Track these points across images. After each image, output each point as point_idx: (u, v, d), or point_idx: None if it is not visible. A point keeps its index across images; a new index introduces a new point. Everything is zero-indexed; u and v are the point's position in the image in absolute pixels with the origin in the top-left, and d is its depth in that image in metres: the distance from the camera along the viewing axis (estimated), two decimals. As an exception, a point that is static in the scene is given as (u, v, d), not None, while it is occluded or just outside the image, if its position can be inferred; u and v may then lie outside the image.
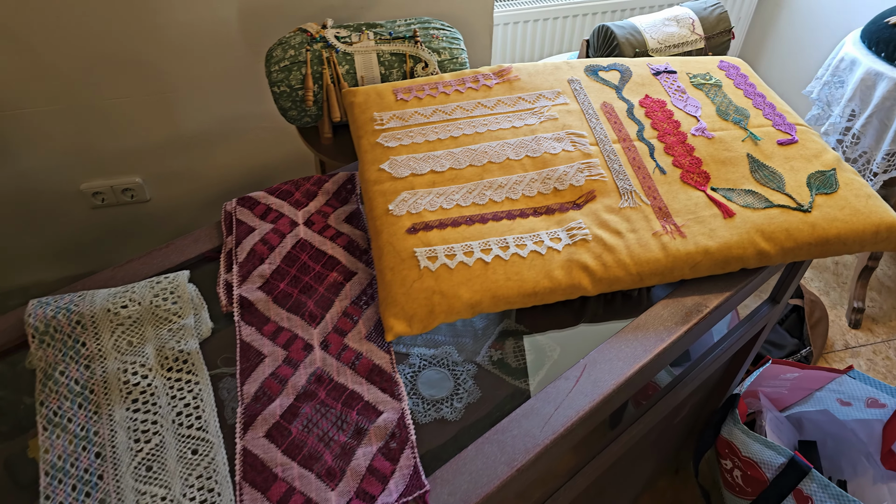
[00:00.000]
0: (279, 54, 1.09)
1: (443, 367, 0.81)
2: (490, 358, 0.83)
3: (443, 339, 0.85)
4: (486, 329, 0.87)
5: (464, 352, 0.83)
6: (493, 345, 0.85)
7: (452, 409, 0.76)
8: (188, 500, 0.60)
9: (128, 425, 0.66)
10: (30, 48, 1.28)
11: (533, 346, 0.85)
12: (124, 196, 1.57)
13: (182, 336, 0.73)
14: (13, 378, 1.08)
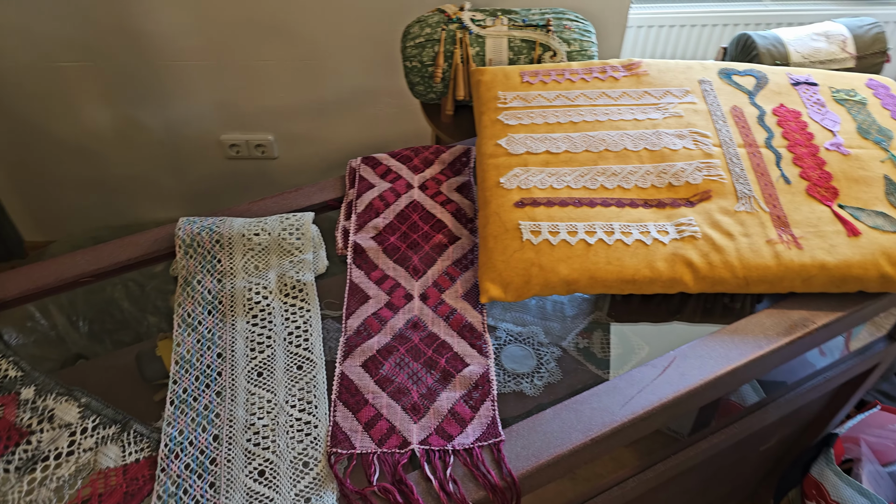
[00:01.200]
0: (416, 31, 1.16)
1: (528, 345, 0.84)
2: (576, 345, 0.85)
3: (531, 319, 0.88)
4: (577, 317, 0.88)
5: (550, 335, 0.85)
6: (582, 333, 0.87)
7: (532, 386, 0.79)
8: (289, 406, 0.67)
9: (246, 335, 0.74)
10: (195, 5, 1.43)
11: (621, 341, 0.86)
12: (256, 151, 1.72)
13: (301, 268, 0.81)
14: (141, 296, 1.22)
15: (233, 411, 0.67)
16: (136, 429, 0.66)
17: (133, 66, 1.55)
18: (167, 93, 1.61)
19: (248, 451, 0.64)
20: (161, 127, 1.68)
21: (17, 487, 0.61)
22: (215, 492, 0.60)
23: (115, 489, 0.61)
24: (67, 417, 0.67)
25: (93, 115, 1.64)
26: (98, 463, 0.63)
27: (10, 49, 1.49)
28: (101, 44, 1.50)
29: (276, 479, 0.61)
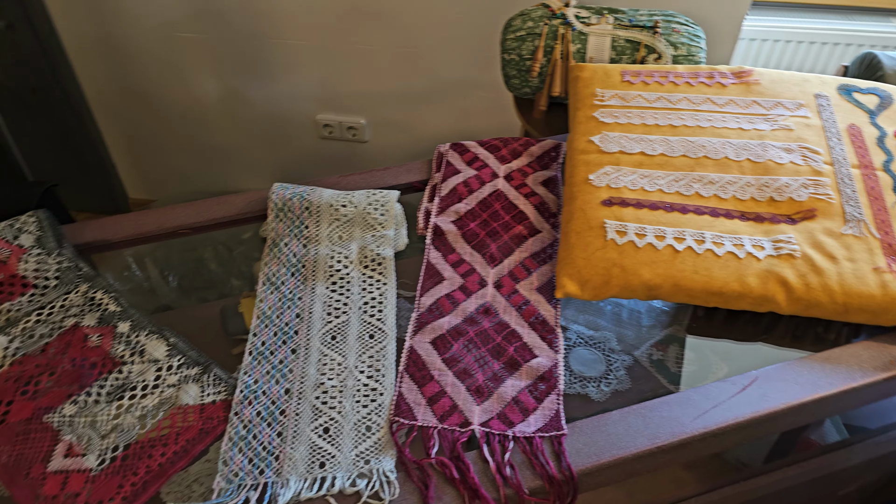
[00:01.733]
0: (518, 24, 1.16)
1: (598, 349, 0.82)
2: (650, 356, 0.82)
3: (605, 324, 0.85)
4: (653, 328, 0.86)
5: (623, 342, 0.83)
6: (657, 345, 0.84)
7: (599, 391, 0.77)
8: (358, 371, 0.69)
9: (325, 300, 0.77)
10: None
11: (698, 357, 0.82)
12: (347, 133, 1.78)
13: (382, 243, 0.83)
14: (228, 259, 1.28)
15: (305, 369, 0.70)
16: (216, 373, 0.70)
17: (244, 42, 1.63)
18: (272, 70, 1.68)
19: (315, 407, 0.66)
20: (262, 102, 1.76)
21: (106, 410, 0.67)
22: (282, 441, 0.63)
23: (192, 425, 0.65)
24: (156, 354, 0.72)
25: (202, 85, 1.75)
26: (179, 399, 0.67)
27: (139, 16, 1.61)
28: (218, 18, 1.59)
29: (339, 438, 0.63)
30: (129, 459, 0.62)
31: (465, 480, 0.58)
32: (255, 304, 0.77)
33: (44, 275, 0.79)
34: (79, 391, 0.68)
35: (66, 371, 0.70)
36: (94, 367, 0.70)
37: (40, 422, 0.65)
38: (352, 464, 0.61)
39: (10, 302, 0.77)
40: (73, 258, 0.82)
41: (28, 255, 0.80)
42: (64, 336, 0.74)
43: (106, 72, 1.77)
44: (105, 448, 0.63)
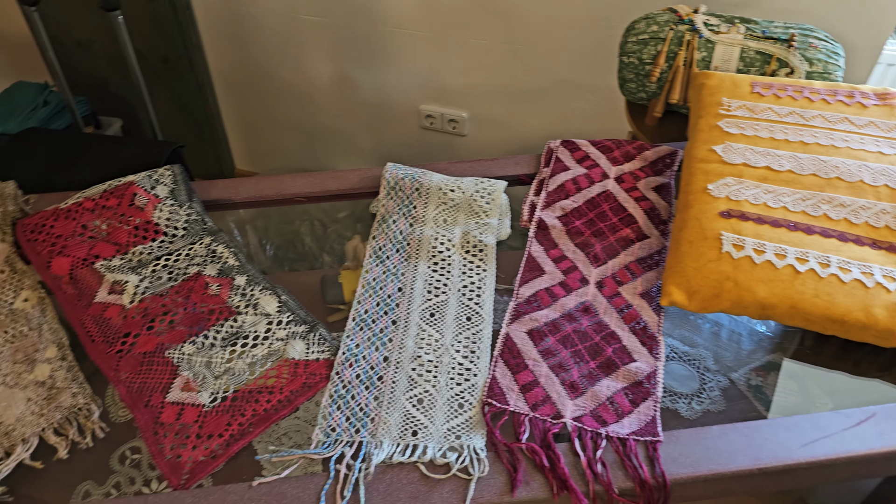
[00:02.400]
0: (641, 27, 1.14)
1: (692, 366, 0.80)
2: (748, 380, 0.79)
3: (701, 342, 0.83)
4: (754, 352, 0.82)
5: (720, 363, 0.80)
6: (757, 370, 0.80)
7: (689, 408, 0.74)
8: (454, 350, 0.71)
9: (426, 278, 0.79)
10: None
11: (800, 388, 0.78)
12: (448, 126, 1.80)
13: (485, 230, 0.84)
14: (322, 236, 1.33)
15: (404, 340, 0.72)
16: (321, 333, 0.73)
17: (361, 28, 1.69)
18: (383, 57, 1.74)
19: (411, 378, 0.68)
20: (370, 87, 1.82)
21: (221, 354, 0.72)
22: (378, 405, 0.65)
23: (297, 378, 0.69)
24: (268, 308, 0.76)
25: (317, 67, 1.83)
26: (286, 352, 0.71)
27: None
28: (340, 3, 1.66)
29: (432, 410, 0.65)
30: (237, 401, 0.67)
31: (555, 470, 0.58)
32: (361, 274, 0.80)
33: (174, 224, 0.86)
34: (197, 333, 0.73)
35: (187, 314, 0.76)
36: (212, 314, 0.76)
37: (162, 356, 0.71)
38: (443, 436, 0.62)
39: (142, 245, 0.84)
40: (200, 212, 0.88)
41: (162, 204, 0.87)
42: (187, 282, 0.80)
43: (230, 47, 1.88)
44: (217, 388, 0.68)
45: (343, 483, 0.58)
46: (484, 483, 0.58)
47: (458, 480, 0.58)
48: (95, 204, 0.85)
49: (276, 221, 1.31)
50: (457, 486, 0.58)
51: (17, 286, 0.79)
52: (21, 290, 0.79)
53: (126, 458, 0.64)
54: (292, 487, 0.58)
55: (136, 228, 0.84)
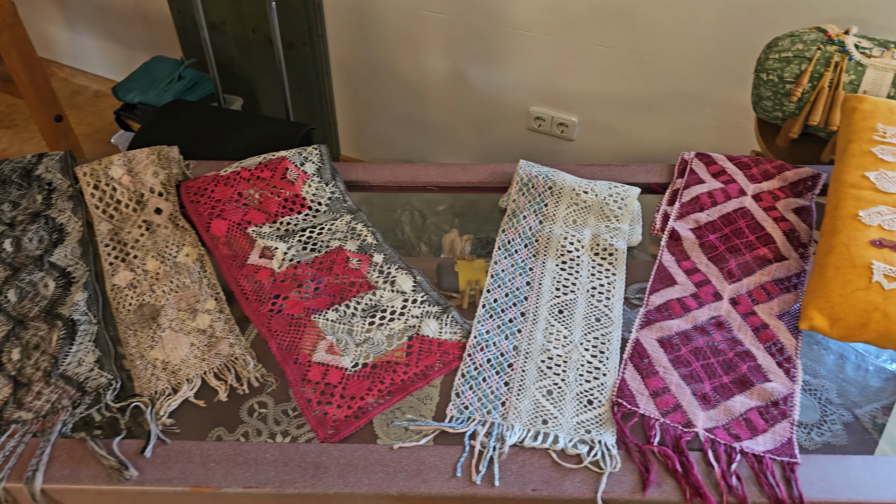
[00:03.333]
0: (785, 44, 1.10)
1: (813, 397, 0.77)
2: (873, 418, 0.76)
3: (825, 373, 0.80)
4: (881, 391, 0.79)
5: (843, 397, 0.77)
6: (885, 408, 0.77)
7: (809, 439, 0.72)
8: (583, 348, 0.72)
9: (554, 275, 0.81)
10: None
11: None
12: (557, 129, 1.81)
13: (616, 235, 0.85)
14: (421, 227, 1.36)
15: (533, 332, 0.74)
16: (454, 315, 0.77)
17: (482, 26, 1.73)
18: (499, 56, 1.77)
19: (540, 370, 0.70)
20: (482, 85, 1.85)
21: (361, 323, 0.76)
22: (508, 390, 0.68)
23: (431, 353, 0.73)
24: (404, 287, 0.80)
25: (433, 62, 1.88)
26: (421, 329, 0.75)
27: (393, -9, 1.77)
28: (466, 2, 1.70)
29: (561, 403, 0.67)
30: (377, 369, 0.71)
31: (688, 476, 0.58)
32: (490, 265, 0.83)
33: (318, 200, 0.92)
34: (339, 302, 0.79)
35: (330, 283, 0.81)
36: (353, 286, 0.81)
37: (308, 319, 0.77)
38: (572, 428, 0.64)
39: (289, 216, 0.90)
40: (342, 191, 0.94)
41: (311, 181, 0.93)
42: (329, 254, 0.85)
43: (351, 37, 1.96)
44: (358, 354, 0.73)
45: (478, 458, 0.61)
46: (614, 479, 0.59)
47: (589, 472, 0.60)
48: (251, 174, 0.92)
49: (380, 209, 1.36)
50: (587, 477, 0.60)
51: (179, 242, 0.87)
52: (183, 246, 0.87)
53: (254, 412, 0.69)
54: (430, 455, 0.62)
55: (286, 200, 0.91)
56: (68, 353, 0.72)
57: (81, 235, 0.88)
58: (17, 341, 0.74)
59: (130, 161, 0.94)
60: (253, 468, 0.61)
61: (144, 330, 0.76)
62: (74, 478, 0.60)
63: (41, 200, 0.92)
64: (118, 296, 0.81)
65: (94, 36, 2.71)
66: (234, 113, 1.57)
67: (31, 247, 0.86)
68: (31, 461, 0.61)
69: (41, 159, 0.98)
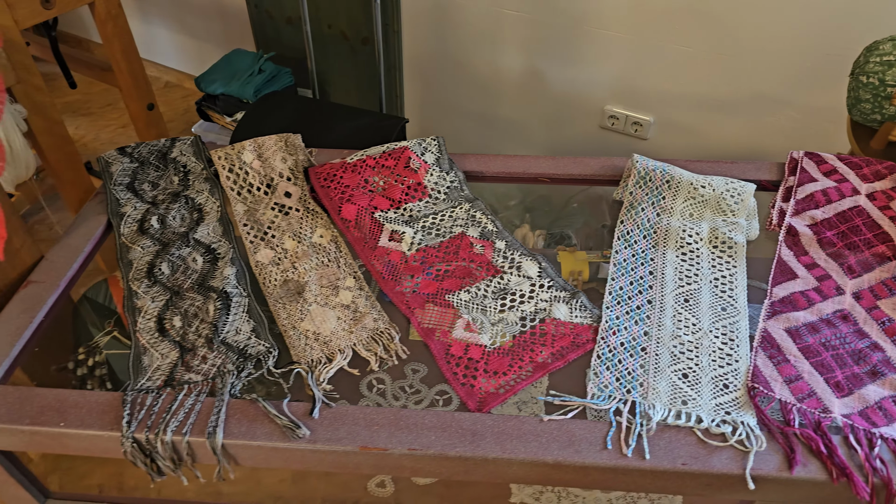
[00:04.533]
0: (887, 48, 1.11)
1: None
2: None
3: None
4: None
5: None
6: None
7: None
8: (713, 336, 0.75)
9: (675, 266, 0.84)
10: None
11: None
12: (630, 128, 1.83)
13: (733, 228, 0.87)
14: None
15: (661, 319, 0.77)
16: (583, 300, 0.80)
17: (561, 25, 1.76)
18: (577, 54, 1.79)
19: (673, 354, 0.73)
20: (557, 82, 1.88)
21: (493, 305, 0.81)
22: (644, 372, 0.71)
23: (565, 335, 0.77)
24: (530, 272, 0.84)
25: (508, 59, 1.92)
26: (552, 312, 0.79)
27: (476, -9, 1.81)
28: (546, 1, 1.73)
29: (698, 385, 0.70)
30: (515, 348, 0.75)
31: (833, 457, 0.61)
32: (612, 254, 0.86)
33: (438, 188, 0.97)
34: (470, 284, 0.83)
35: (458, 266, 0.86)
36: (480, 269, 0.85)
37: (443, 299, 0.81)
38: (712, 410, 0.67)
39: (412, 203, 0.95)
40: (461, 181, 0.98)
41: (432, 170, 0.98)
42: (454, 240, 0.90)
43: (427, 33, 2.01)
44: (495, 333, 0.77)
45: (626, 433, 0.65)
46: (760, 457, 0.62)
47: (735, 450, 0.63)
48: (376, 162, 0.97)
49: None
50: (734, 455, 0.63)
51: (312, 224, 0.93)
52: (316, 228, 0.92)
53: (373, 387, 0.74)
54: (579, 429, 0.65)
55: (409, 188, 0.96)
56: (226, 323, 0.78)
57: (220, 215, 0.94)
58: (177, 310, 0.80)
59: (260, 147, 1.00)
60: (414, 433, 0.65)
61: (292, 304, 0.81)
62: (251, 434, 0.66)
63: (178, 182, 0.99)
64: (263, 271, 0.86)
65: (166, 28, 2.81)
66: (330, 104, 1.63)
67: (174, 224, 0.92)
68: (210, 418, 0.67)
69: (174, 143, 1.04)
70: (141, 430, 0.66)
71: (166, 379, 0.71)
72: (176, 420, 0.66)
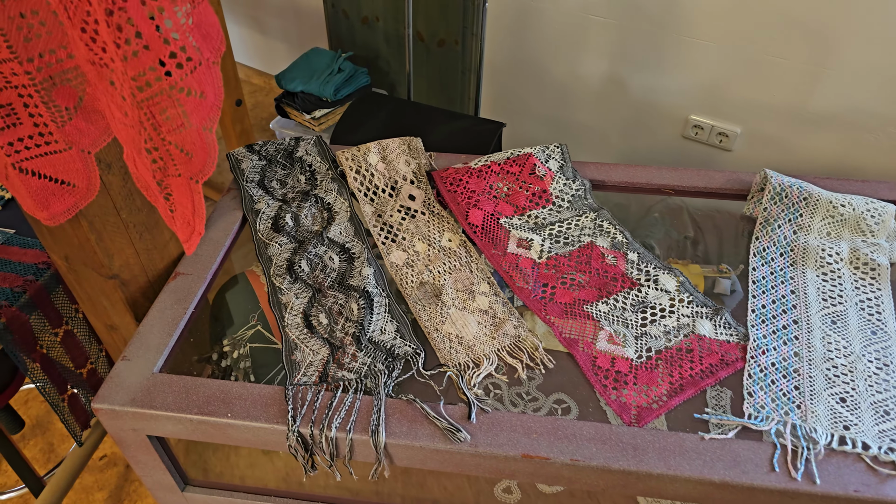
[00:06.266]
0: None
1: None
2: None
3: None
4: None
5: None
6: None
7: None
8: (867, 360, 0.74)
9: (817, 286, 0.82)
10: None
11: None
12: (715, 139, 1.80)
13: (876, 250, 0.86)
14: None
15: (810, 340, 0.76)
16: (727, 318, 0.80)
17: (648, 31, 1.74)
18: (663, 61, 1.77)
19: (827, 377, 0.72)
20: (639, 89, 1.86)
21: (634, 316, 0.80)
22: (800, 394, 0.71)
23: (713, 352, 0.76)
24: (668, 286, 0.84)
25: (590, 64, 1.91)
26: (696, 328, 0.79)
27: (563, -5, 1.81)
28: (634, 6, 1.72)
29: (857, 411, 0.69)
30: (662, 363, 0.75)
31: None
32: (749, 271, 0.85)
33: (563, 196, 0.97)
34: (607, 296, 0.83)
35: (592, 277, 0.86)
36: (615, 280, 0.85)
37: (581, 309, 0.81)
38: (876, 436, 0.66)
39: (536, 210, 0.95)
40: (586, 190, 0.98)
41: (557, 177, 0.98)
42: (584, 249, 0.90)
43: (508, 36, 2.01)
44: (640, 347, 0.77)
45: (793, 455, 0.64)
46: (937, 488, 0.61)
47: (909, 480, 0.62)
48: (501, 168, 0.98)
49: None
50: (909, 484, 0.62)
51: (439, 227, 0.94)
52: (444, 232, 0.93)
53: (490, 391, 0.74)
54: (743, 449, 0.65)
55: (534, 195, 0.96)
56: (370, 322, 0.79)
57: (350, 215, 0.95)
58: (321, 307, 0.82)
59: (384, 150, 1.01)
60: (574, 443, 0.66)
61: (431, 306, 0.82)
62: (413, 435, 0.67)
63: (304, 181, 1.01)
64: (398, 273, 0.88)
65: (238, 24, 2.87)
66: (426, 107, 1.64)
67: (307, 223, 0.94)
68: (371, 417, 0.68)
69: (299, 142, 1.06)
70: (304, 424, 0.67)
71: (320, 375, 0.73)
72: (338, 417, 0.68)
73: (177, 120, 0.51)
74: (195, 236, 0.60)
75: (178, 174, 0.56)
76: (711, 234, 1.04)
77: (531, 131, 2.19)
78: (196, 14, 0.47)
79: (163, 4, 0.45)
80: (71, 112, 0.59)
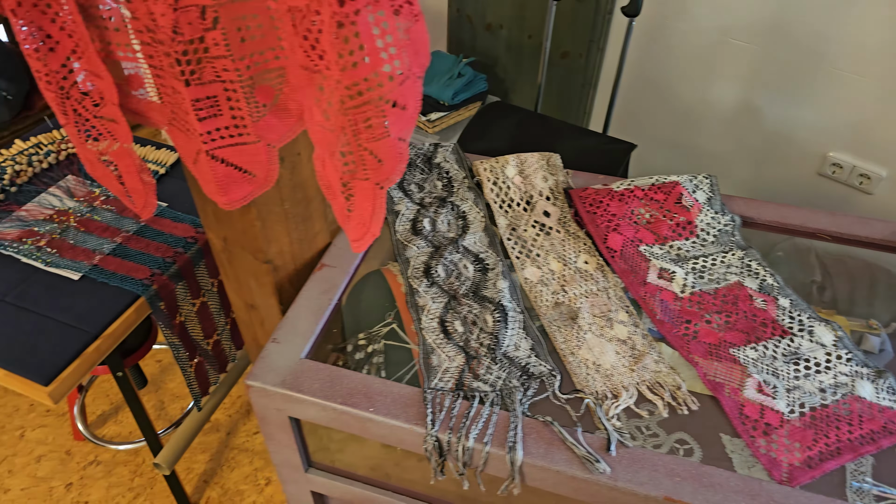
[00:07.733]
0: None
1: None
2: None
3: None
4: None
5: None
6: None
7: None
8: None
9: None
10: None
11: None
12: (855, 179, 1.68)
13: None
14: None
15: None
16: (891, 382, 0.74)
17: (792, 60, 1.64)
18: (805, 92, 1.67)
19: None
20: (774, 119, 1.77)
21: (786, 367, 0.76)
22: (981, 480, 0.64)
23: (874, 418, 0.70)
24: (824, 340, 0.79)
25: (722, 89, 1.82)
26: (855, 389, 0.73)
27: (701, 15, 1.74)
28: (780, 33, 1.63)
29: None
30: (816, 421, 0.70)
31: None
32: (917, 333, 0.79)
33: (708, 230, 0.93)
34: (755, 341, 0.79)
35: (739, 319, 0.82)
36: (765, 326, 0.81)
37: (727, 352, 0.78)
38: None
39: (679, 241, 0.92)
40: (735, 226, 0.94)
41: (706, 210, 0.94)
42: (731, 288, 0.86)
43: (636, 53, 1.96)
44: (792, 401, 0.72)
45: (974, 548, 0.58)
46: None
47: None
48: (644, 194, 0.95)
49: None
50: None
51: (575, 248, 0.92)
52: (580, 253, 0.92)
53: (608, 419, 0.71)
54: (912, 530, 0.60)
55: (678, 225, 0.93)
56: (505, 336, 0.79)
57: (485, 225, 0.96)
58: (456, 314, 0.83)
59: (522, 163, 1.01)
60: (720, 494, 0.63)
61: (567, 328, 0.81)
62: (549, 458, 0.66)
63: (441, 187, 1.02)
64: (533, 290, 0.87)
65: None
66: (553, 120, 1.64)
67: (443, 228, 0.95)
68: (508, 433, 0.68)
69: (437, 149, 1.08)
70: (442, 430, 0.68)
71: (456, 382, 0.74)
72: (476, 428, 0.68)
73: (378, 129, 0.53)
74: (369, 236, 0.62)
75: (365, 178, 0.57)
76: (842, 280, 0.96)
77: (649, 153, 2.13)
78: (413, 31, 0.49)
79: (388, 20, 0.47)
80: (265, 109, 0.63)
